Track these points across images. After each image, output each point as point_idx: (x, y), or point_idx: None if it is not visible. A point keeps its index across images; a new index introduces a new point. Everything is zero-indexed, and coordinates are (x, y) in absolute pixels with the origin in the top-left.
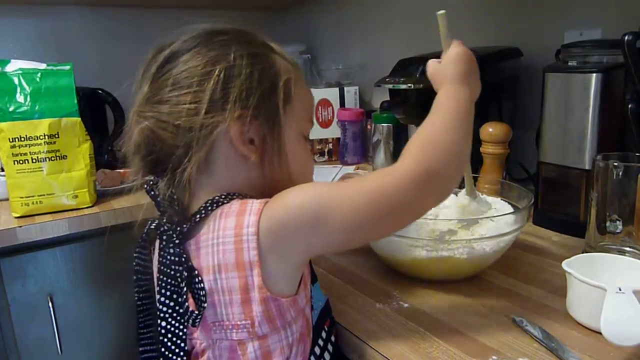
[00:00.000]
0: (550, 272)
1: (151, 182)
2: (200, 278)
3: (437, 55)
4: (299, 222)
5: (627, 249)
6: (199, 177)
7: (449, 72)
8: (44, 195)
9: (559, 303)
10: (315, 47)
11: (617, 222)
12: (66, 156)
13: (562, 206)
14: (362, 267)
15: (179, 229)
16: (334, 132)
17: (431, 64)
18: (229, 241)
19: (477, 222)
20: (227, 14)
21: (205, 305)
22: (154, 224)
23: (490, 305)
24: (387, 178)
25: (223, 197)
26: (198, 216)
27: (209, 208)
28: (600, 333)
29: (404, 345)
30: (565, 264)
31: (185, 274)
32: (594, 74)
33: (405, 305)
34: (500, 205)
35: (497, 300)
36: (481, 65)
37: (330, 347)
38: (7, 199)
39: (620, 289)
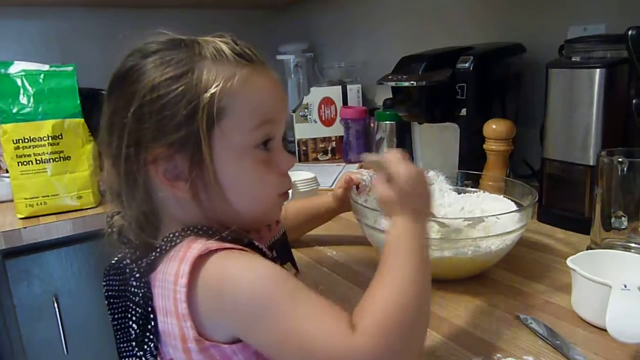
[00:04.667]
0: (555, 269)
1: (112, 215)
2: (153, 315)
3: (440, 53)
4: (236, 309)
5: (633, 245)
6: (156, 214)
7: (404, 203)
8: (48, 196)
9: (564, 300)
10: (317, 45)
11: (622, 218)
12: (70, 157)
13: (567, 203)
14: (366, 265)
15: (139, 262)
16: (337, 130)
17: (380, 187)
18: (170, 287)
19: (483, 221)
20: (229, 13)
21: (153, 343)
22: (115, 259)
23: (495, 302)
24: (340, 343)
25: (177, 233)
26: (153, 254)
27: (164, 247)
28: (605, 330)
29: None
30: (570, 261)
31: (140, 310)
32: (598, 70)
33: None
34: (504, 203)
35: (501, 297)
36: (484, 62)
37: None
38: (11, 200)
39: (625, 286)
